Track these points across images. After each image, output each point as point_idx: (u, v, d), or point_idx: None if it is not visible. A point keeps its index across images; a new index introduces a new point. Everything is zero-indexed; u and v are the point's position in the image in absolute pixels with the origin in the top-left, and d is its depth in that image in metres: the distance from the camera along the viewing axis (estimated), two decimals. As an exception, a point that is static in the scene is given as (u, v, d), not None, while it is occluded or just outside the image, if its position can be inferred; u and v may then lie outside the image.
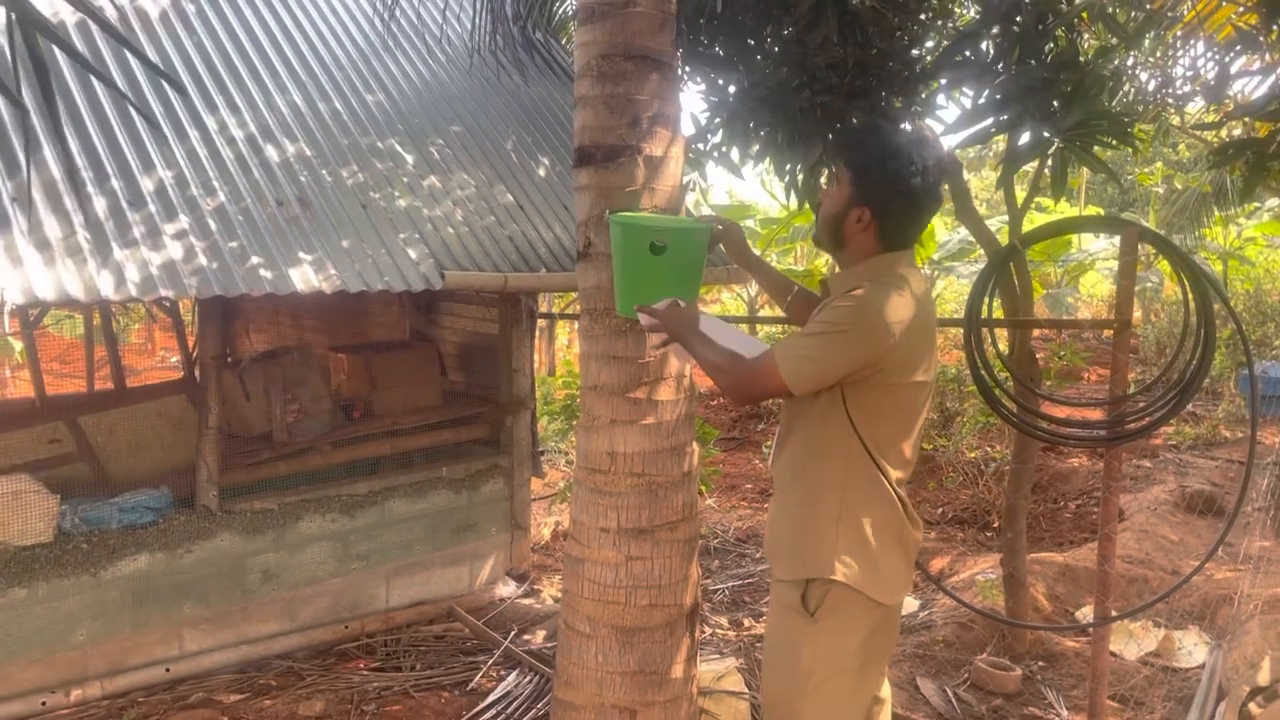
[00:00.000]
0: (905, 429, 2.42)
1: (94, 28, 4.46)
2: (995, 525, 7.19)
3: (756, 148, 4.61)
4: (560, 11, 6.68)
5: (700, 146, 4.79)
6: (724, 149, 4.68)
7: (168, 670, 4.36)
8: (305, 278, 3.99)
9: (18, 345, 12.37)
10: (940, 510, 7.55)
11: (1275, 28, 3.93)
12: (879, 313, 2.27)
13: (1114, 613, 4.78)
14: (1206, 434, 9.58)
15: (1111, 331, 3.62)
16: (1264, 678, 4.15)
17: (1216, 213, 12.04)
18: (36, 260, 3.47)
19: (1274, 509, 6.51)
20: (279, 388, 4.99)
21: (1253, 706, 3.93)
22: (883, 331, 2.26)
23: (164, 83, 4.42)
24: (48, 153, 3.89)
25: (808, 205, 4.67)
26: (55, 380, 11.81)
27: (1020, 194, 4.93)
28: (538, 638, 4.86)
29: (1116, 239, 3.70)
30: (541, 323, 9.69)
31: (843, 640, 2.39)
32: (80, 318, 9.33)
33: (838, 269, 2.57)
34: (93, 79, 4.22)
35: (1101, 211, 18.99)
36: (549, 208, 5.00)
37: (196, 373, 5.19)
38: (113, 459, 4.71)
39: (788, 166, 4.56)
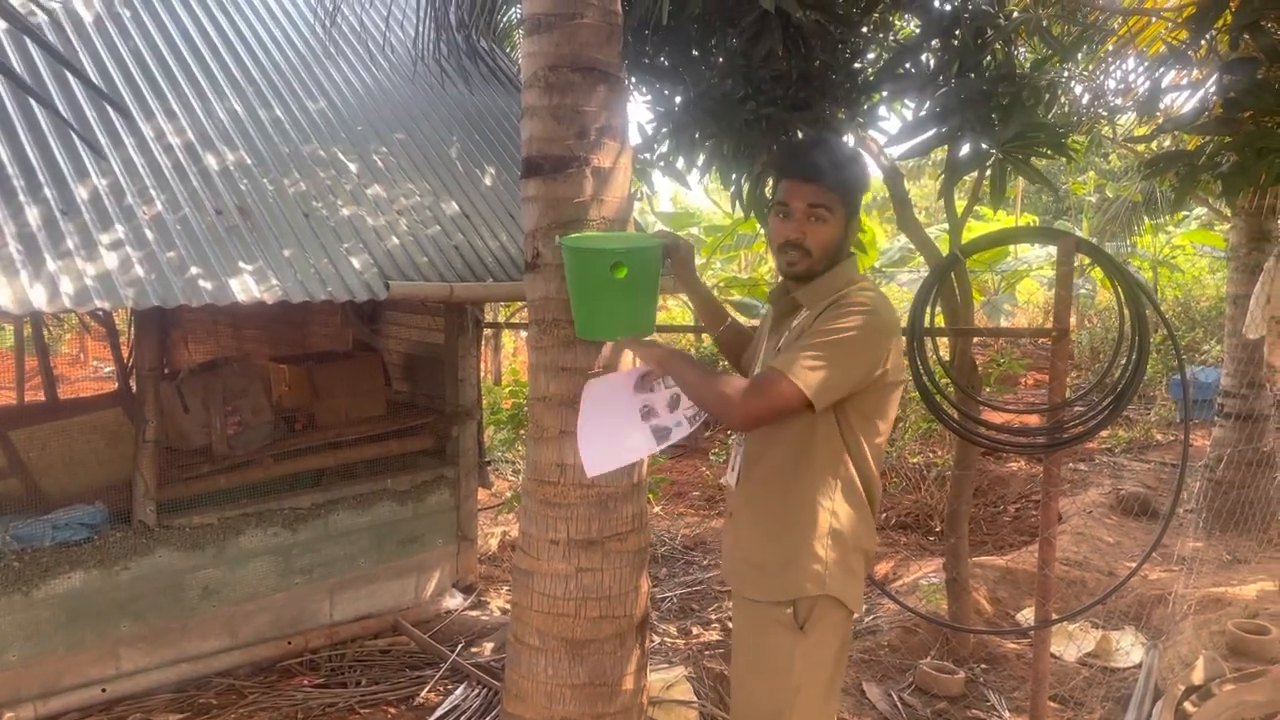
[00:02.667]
0: (888, 429, 2.46)
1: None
2: (938, 530, 7.29)
3: (702, 158, 4.64)
4: (505, 20, 6.67)
5: (647, 156, 4.80)
6: (670, 159, 4.70)
7: (104, 691, 4.24)
8: (246, 288, 3.91)
9: (-57, 356, 12.01)
10: (884, 515, 7.64)
11: (1203, 43, 4.06)
12: (882, 312, 2.30)
13: (1054, 615, 4.89)
14: (1140, 437, 9.84)
15: (1050, 339, 3.70)
16: (1198, 676, 4.27)
17: (1147, 221, 12.38)
18: (-35, 271, 3.36)
19: (1205, 511, 6.70)
20: (218, 399, 4.90)
21: (1188, 705, 4.04)
22: (889, 330, 2.31)
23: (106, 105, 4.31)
24: (-24, 160, 3.78)
25: (753, 215, 4.71)
26: (-17, 393, 11.47)
27: (960, 204, 5.02)
28: (486, 650, 4.82)
29: (1053, 249, 3.78)
30: (488, 331, 9.64)
31: (825, 650, 2.40)
32: (10, 329, 9.07)
33: (788, 281, 2.53)
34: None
35: (1037, 219, 19.41)
36: (495, 217, 4.97)
37: (132, 384, 5.07)
38: (45, 474, 4.58)
39: (733, 176, 4.59)
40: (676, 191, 26.27)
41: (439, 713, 4.08)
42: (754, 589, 2.46)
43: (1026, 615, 5.51)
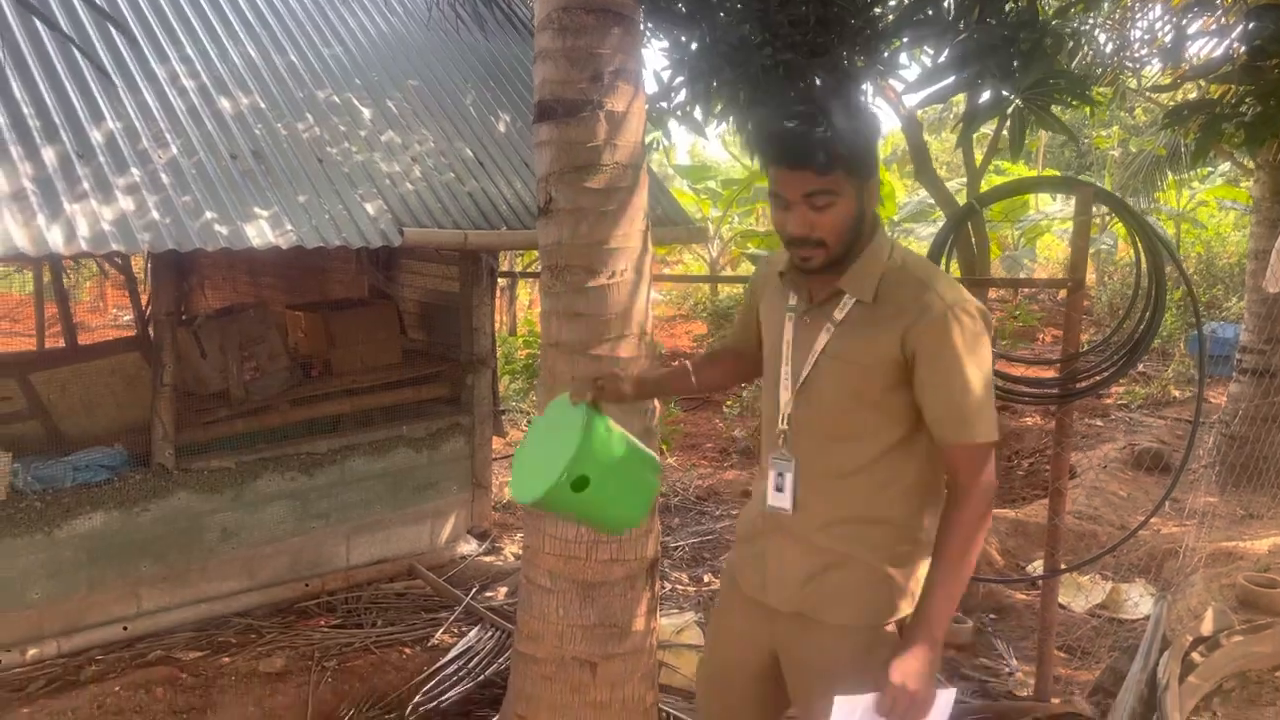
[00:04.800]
0: None
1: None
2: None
3: (719, 106, 4.59)
4: (520, -36, 6.58)
5: (663, 105, 4.76)
6: (687, 108, 4.66)
7: (125, 629, 4.33)
8: (261, 233, 3.93)
9: (-36, 303, 12.10)
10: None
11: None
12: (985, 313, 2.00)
13: (1063, 566, 4.90)
14: (1156, 393, 9.79)
15: (1066, 291, 3.68)
16: (1207, 628, 4.29)
17: (1170, 176, 12.22)
18: (-18, 213, 3.39)
19: (1219, 466, 6.69)
20: (235, 345, 4.93)
21: (1195, 655, 4.06)
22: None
23: (113, 30, 4.30)
24: (-8, 102, 3.79)
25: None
26: (4, 339, 11.61)
27: (979, 157, 4.97)
28: (499, 594, 4.89)
29: (1073, 201, 3.74)
30: (502, 282, 9.64)
31: None
32: (30, 274, 9.14)
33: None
34: (37, 23, 4.09)
35: (1059, 174, 19.19)
36: (509, 164, 4.95)
37: (150, 330, 5.11)
38: (65, 417, 4.64)
39: (749, 125, 4.54)
40: (694, 145, 26.11)
41: (453, 654, 4.15)
42: (853, 613, 2.05)
43: (1037, 567, 5.53)
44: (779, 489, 2.11)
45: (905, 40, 4.25)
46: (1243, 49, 3.47)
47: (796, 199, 1.91)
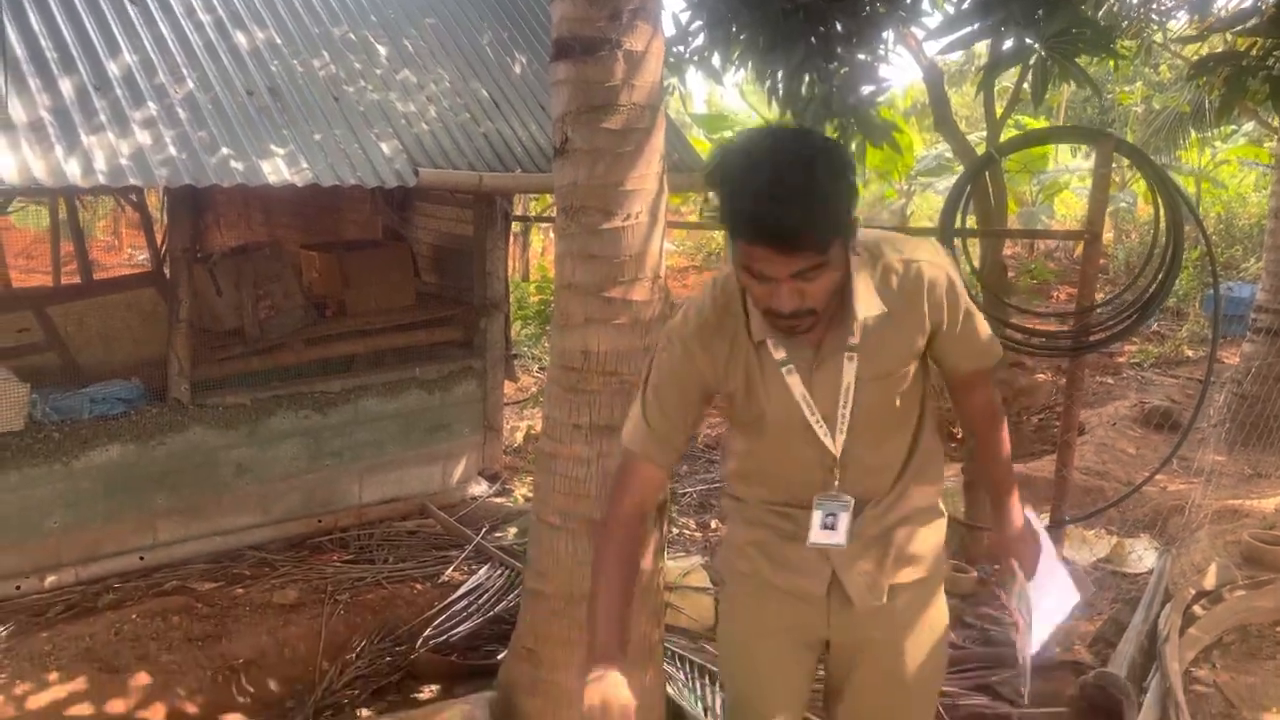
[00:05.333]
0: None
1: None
2: (958, 436, 7.32)
3: (738, 52, 4.55)
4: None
5: (681, 50, 4.71)
6: (705, 54, 4.61)
7: (142, 559, 4.41)
8: (277, 170, 3.93)
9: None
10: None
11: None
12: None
13: (1068, 517, 4.94)
14: (1169, 353, 9.77)
15: (1082, 244, 3.66)
16: (1210, 582, 4.32)
17: (1193, 134, 12.06)
18: (0, 142, 3.39)
19: (1229, 424, 6.69)
20: (250, 283, 4.95)
21: (1197, 608, 4.10)
22: None
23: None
24: (10, 32, 3.77)
25: (789, 113, 4.63)
26: (20, 275, 11.65)
27: (1000, 110, 4.91)
28: (509, 534, 4.95)
29: (1093, 159, 3.71)
30: (516, 227, 9.63)
31: None
32: (45, 210, 9.16)
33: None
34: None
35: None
36: (525, 106, 4.93)
37: (166, 267, 5.13)
38: (82, 350, 4.68)
39: (769, 71, 4.50)
40: (711, 93, 25.80)
41: (463, 590, 4.22)
42: (924, 571, 2.07)
43: (1044, 520, 5.57)
44: (829, 527, 1.96)
45: (928, -15, 4.21)
46: (1271, 1, 3.42)
47: (783, 277, 1.66)
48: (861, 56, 4.42)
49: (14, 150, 3.41)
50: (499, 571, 4.43)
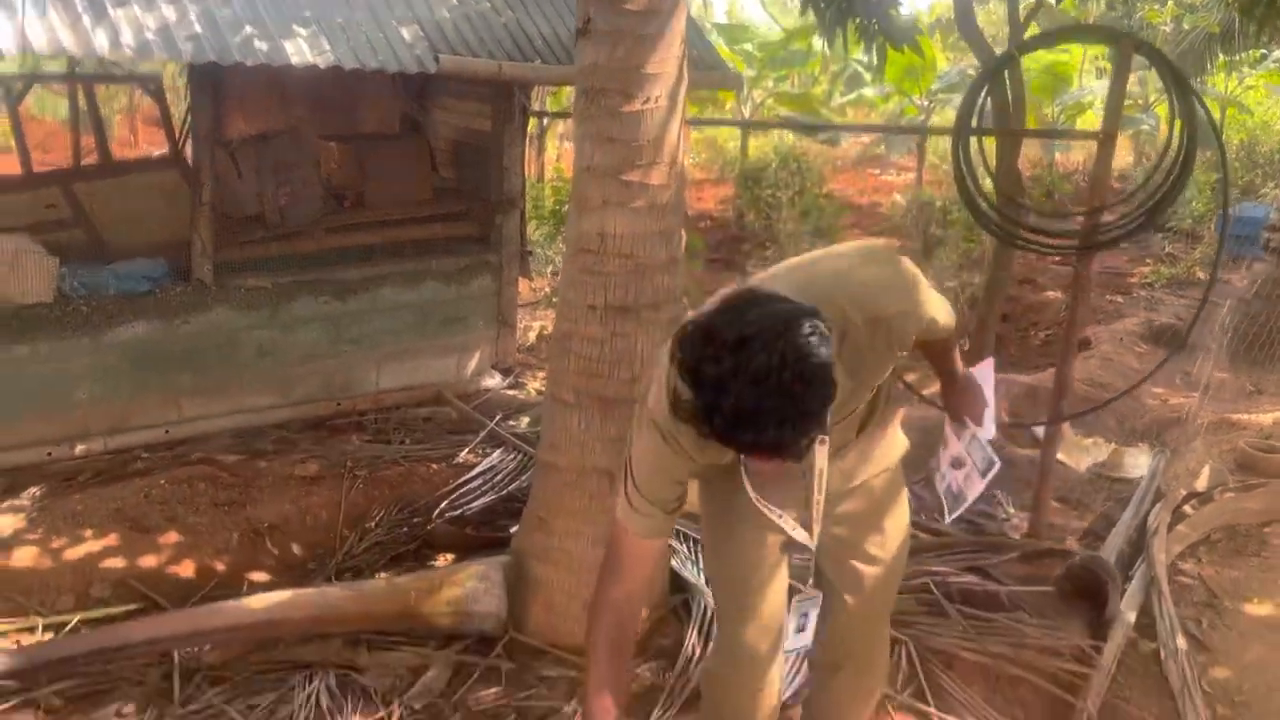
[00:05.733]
0: None
1: None
2: (965, 348, 7.42)
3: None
4: None
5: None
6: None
7: (167, 432, 4.57)
8: (299, 51, 3.96)
9: (-2, 128, 12.11)
10: (915, 332, 7.79)
11: None
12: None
13: (1067, 423, 5.06)
14: (1181, 274, 9.78)
15: (1098, 145, 3.69)
16: (1202, 484, 4.46)
17: (1221, 57, 11.83)
18: (30, 11, 3.44)
19: (1234, 341, 6.76)
20: (270, 169, 5.01)
21: (1187, 508, 4.23)
22: None
23: None
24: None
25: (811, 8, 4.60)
26: (40, 167, 11.66)
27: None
28: (522, 423, 5.08)
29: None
30: (532, 126, 9.60)
31: None
32: (64, 98, 9.14)
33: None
34: None
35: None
36: (546, -2, 4.91)
37: (187, 152, 5.18)
38: (108, 228, 4.78)
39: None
40: (731, 5, 25.31)
41: (477, 470, 4.37)
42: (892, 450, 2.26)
43: (1042, 433, 5.68)
44: (801, 629, 2.16)
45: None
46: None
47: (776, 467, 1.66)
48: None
49: (42, 20, 3.45)
50: (512, 455, 4.57)
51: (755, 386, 1.43)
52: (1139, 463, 5.25)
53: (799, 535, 2.03)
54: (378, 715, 2.85)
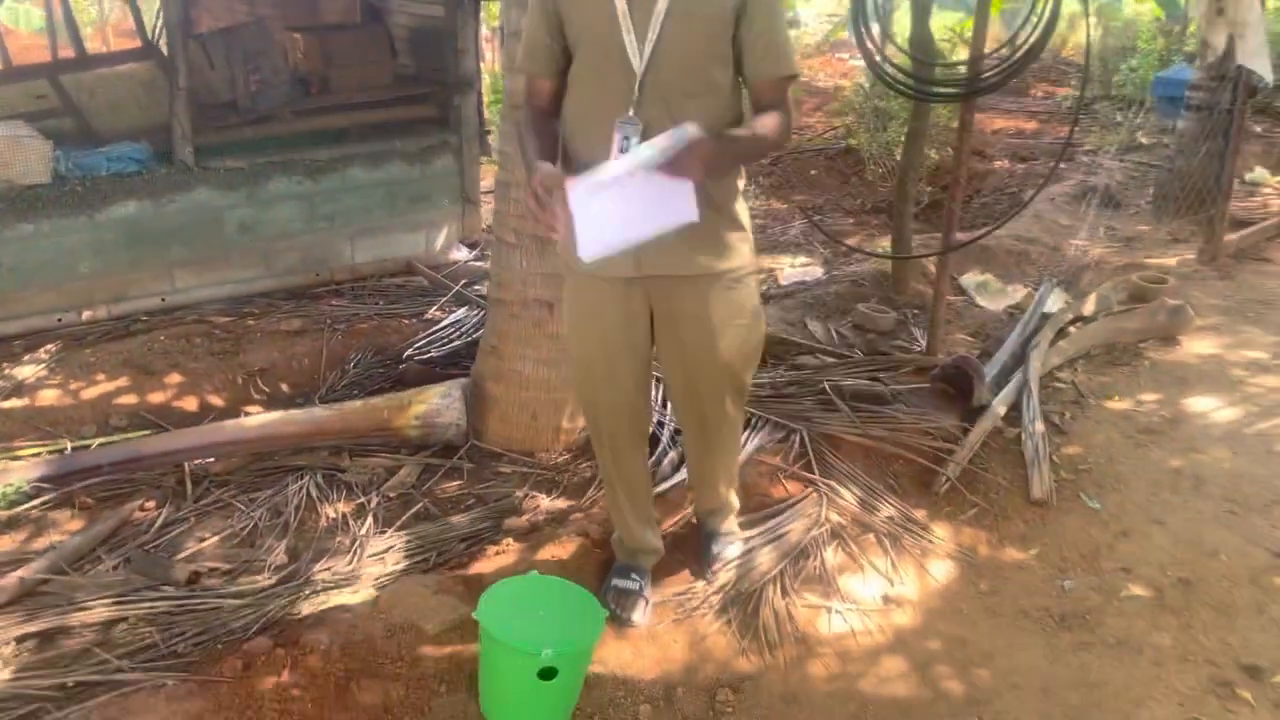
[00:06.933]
0: None
1: None
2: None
3: None
4: None
5: None
6: None
7: (163, 300, 5.07)
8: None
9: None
10: (859, 200, 8.23)
11: None
12: None
13: (990, 275, 5.57)
14: (1125, 140, 10.17)
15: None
16: (1088, 309, 4.98)
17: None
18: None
19: (1157, 197, 7.27)
20: (240, 58, 5.39)
21: (1071, 329, 4.76)
22: None
23: None
24: None
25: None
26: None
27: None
28: (486, 289, 5.57)
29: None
30: (494, 22, 9.85)
31: None
32: (39, 7, 9.38)
33: None
34: None
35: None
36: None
37: (162, 43, 5.54)
38: (95, 115, 5.18)
39: None
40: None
41: (444, 323, 4.88)
42: (729, 260, 2.50)
43: (966, 280, 6.18)
44: (624, 151, 2.28)
45: None
46: None
47: None
48: None
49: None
50: (476, 312, 5.07)
51: None
52: (1050, 304, 5.77)
53: (632, 54, 2.31)
54: (358, 501, 3.42)
